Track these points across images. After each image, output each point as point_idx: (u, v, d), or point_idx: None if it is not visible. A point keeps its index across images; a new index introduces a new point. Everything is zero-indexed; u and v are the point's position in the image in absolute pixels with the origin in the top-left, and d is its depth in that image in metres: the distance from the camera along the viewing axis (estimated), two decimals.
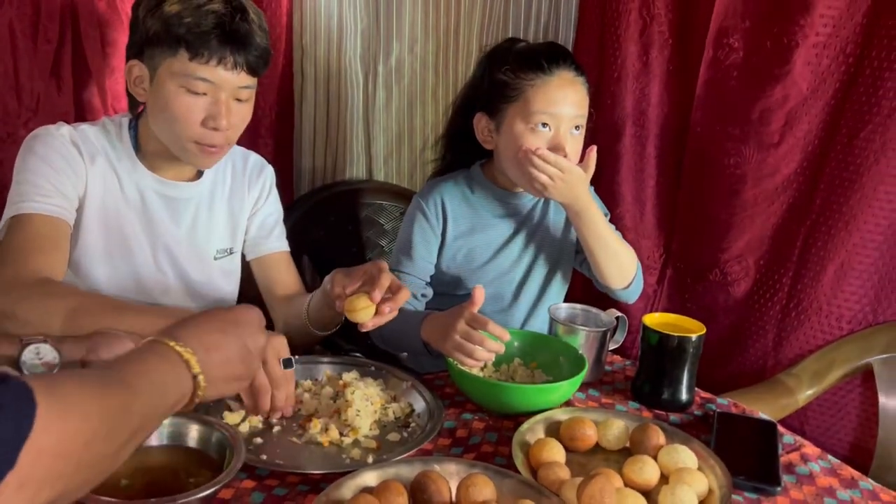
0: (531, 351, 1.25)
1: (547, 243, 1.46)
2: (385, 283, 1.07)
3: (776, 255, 1.69)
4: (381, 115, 1.92)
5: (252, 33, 1.15)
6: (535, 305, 1.47)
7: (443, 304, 1.29)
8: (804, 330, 1.65)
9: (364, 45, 1.85)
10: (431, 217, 1.43)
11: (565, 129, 1.31)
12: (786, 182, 1.66)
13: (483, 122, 1.39)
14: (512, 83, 1.33)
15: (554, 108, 1.30)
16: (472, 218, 1.44)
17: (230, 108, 1.17)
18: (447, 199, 1.43)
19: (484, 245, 1.44)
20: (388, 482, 0.87)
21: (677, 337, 1.16)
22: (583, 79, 1.35)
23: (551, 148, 1.29)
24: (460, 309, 1.16)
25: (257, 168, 1.42)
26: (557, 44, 1.43)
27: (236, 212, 1.39)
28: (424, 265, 1.42)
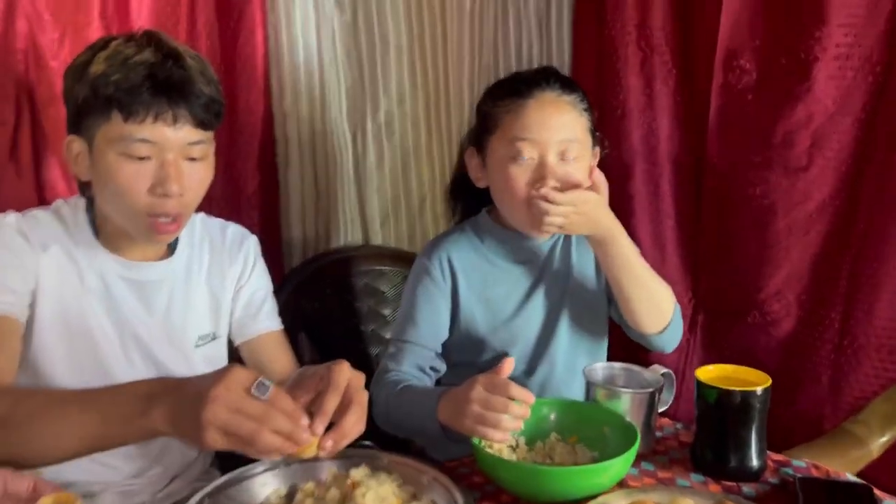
0: (569, 423, 1.07)
1: (576, 289, 1.30)
2: (331, 406, 0.83)
3: (820, 289, 1.53)
4: (374, 176, 1.79)
5: (191, 80, 1.02)
6: (570, 366, 1.29)
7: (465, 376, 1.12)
8: (863, 370, 1.48)
9: (350, 102, 1.73)
10: (437, 276, 1.27)
11: (553, 158, 1.17)
12: (820, 208, 1.51)
13: (473, 158, 1.28)
14: (491, 112, 1.22)
15: (530, 133, 1.17)
16: (486, 269, 1.28)
17: (180, 169, 1.03)
18: (454, 253, 1.28)
19: (504, 297, 1.28)
20: None
21: (740, 392, 0.99)
22: (573, 97, 1.20)
23: (535, 179, 1.16)
24: (476, 377, 1.00)
25: (238, 239, 1.28)
26: (548, 66, 1.30)
27: (217, 291, 1.24)
28: (433, 332, 1.26)
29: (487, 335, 1.27)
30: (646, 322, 1.22)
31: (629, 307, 1.21)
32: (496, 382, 0.98)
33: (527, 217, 1.18)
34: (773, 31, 1.49)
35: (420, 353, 1.25)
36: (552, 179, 1.15)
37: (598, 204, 1.16)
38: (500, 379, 0.98)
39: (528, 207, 1.16)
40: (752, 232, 1.59)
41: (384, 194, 1.82)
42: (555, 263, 1.30)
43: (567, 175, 1.17)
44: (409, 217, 1.86)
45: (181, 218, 1.07)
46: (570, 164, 1.18)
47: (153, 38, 1.04)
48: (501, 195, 1.23)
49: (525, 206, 1.17)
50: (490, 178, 1.25)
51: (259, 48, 1.55)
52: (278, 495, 0.97)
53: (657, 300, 1.22)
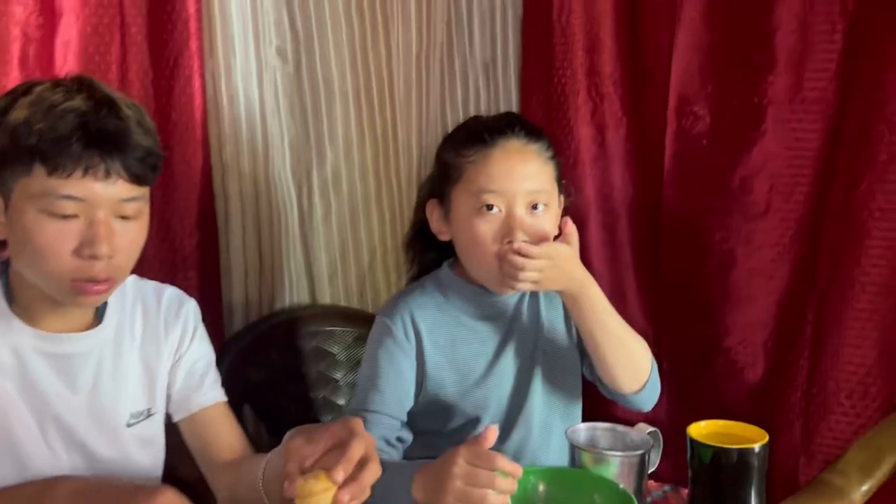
0: (556, 492, 0.98)
1: (548, 346, 1.23)
2: (356, 454, 0.79)
3: (786, 335, 1.50)
4: (321, 230, 1.69)
5: (127, 131, 0.92)
6: (546, 428, 1.20)
7: (434, 446, 1.02)
8: (834, 417, 1.44)
9: (294, 155, 1.64)
10: (401, 337, 1.18)
11: (521, 210, 1.10)
12: (782, 252, 1.49)
13: (435, 210, 1.20)
14: (453, 162, 1.16)
15: (498, 185, 1.10)
16: (453, 328, 1.20)
17: (111, 229, 0.93)
18: (417, 311, 1.19)
19: (473, 357, 1.19)
20: None
21: (737, 450, 0.93)
22: (539, 146, 1.15)
23: (504, 233, 1.09)
24: (456, 449, 0.91)
25: (175, 304, 1.16)
26: (511, 113, 1.25)
27: (153, 362, 1.12)
28: (398, 399, 1.16)
29: (457, 400, 1.17)
30: (623, 380, 1.15)
31: (605, 365, 1.14)
32: (480, 454, 0.88)
33: (496, 273, 1.11)
34: (725, 76, 1.49)
35: (385, 423, 1.14)
36: (521, 233, 1.09)
37: (571, 257, 1.10)
38: (484, 450, 0.89)
39: (497, 262, 1.10)
40: (714, 278, 1.56)
41: (332, 250, 1.72)
42: (523, 319, 1.22)
43: (536, 227, 1.11)
44: (359, 272, 1.76)
45: (112, 282, 0.95)
46: (539, 216, 1.12)
47: (84, 84, 0.94)
48: (467, 250, 1.15)
49: (494, 261, 1.10)
50: (454, 232, 1.18)
51: (196, 97, 1.45)
52: None
53: (635, 357, 1.16)
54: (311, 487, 0.76)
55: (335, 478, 0.76)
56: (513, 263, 1.05)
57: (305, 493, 0.76)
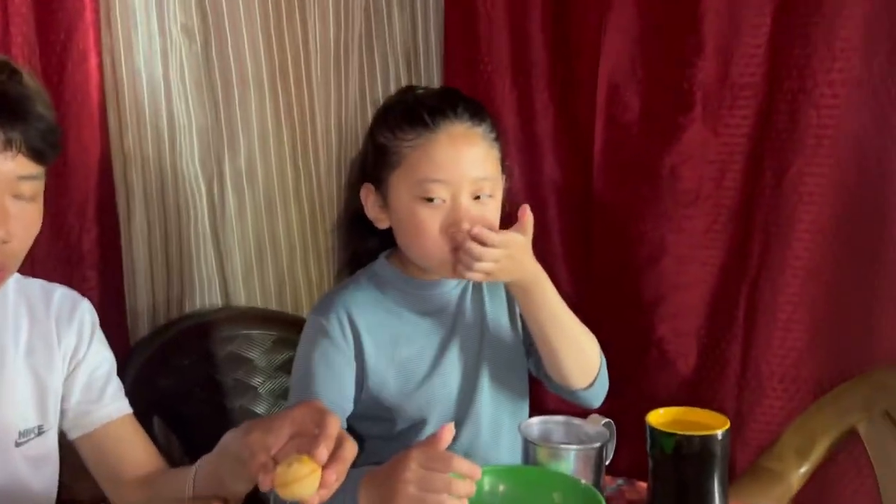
0: (512, 493, 0.91)
1: (493, 341, 1.15)
2: (334, 430, 0.73)
3: (719, 323, 1.50)
4: (234, 226, 1.56)
5: (30, 100, 0.81)
6: (495, 427, 1.13)
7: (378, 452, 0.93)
8: (767, 402, 1.45)
9: (203, 144, 1.50)
10: (337, 337, 1.08)
11: (466, 199, 1.03)
12: (713, 239, 1.49)
13: (370, 196, 1.11)
14: (391, 146, 1.06)
15: (443, 173, 1.02)
16: (393, 326, 1.10)
17: (6, 209, 0.81)
18: (354, 309, 1.09)
19: (416, 356, 1.10)
20: None
21: (699, 437, 0.88)
22: (484, 128, 1.07)
23: (449, 223, 1.02)
24: (408, 452, 0.82)
25: (67, 305, 1.03)
26: (451, 90, 1.17)
27: (43, 372, 0.98)
28: (337, 405, 1.05)
29: (401, 401, 1.08)
30: (573, 376, 1.09)
31: (555, 360, 1.08)
32: (433, 456, 0.80)
33: (443, 260, 1.03)
34: (655, 62, 1.48)
35: None
36: (467, 222, 1.01)
37: (523, 248, 1.03)
38: (438, 452, 0.81)
39: (442, 251, 1.02)
40: (646, 268, 1.54)
41: (246, 247, 1.59)
42: (467, 314, 1.15)
43: (482, 217, 1.04)
44: (277, 271, 1.64)
45: (4, 272, 0.82)
46: (485, 204, 1.05)
47: None
48: (410, 240, 1.07)
49: (440, 249, 1.03)
50: (394, 221, 1.09)
51: (93, 76, 1.30)
52: None
53: (585, 352, 1.11)
54: (295, 473, 0.69)
55: (319, 458, 0.70)
56: (470, 252, 0.97)
57: (290, 479, 0.69)
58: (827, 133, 1.33)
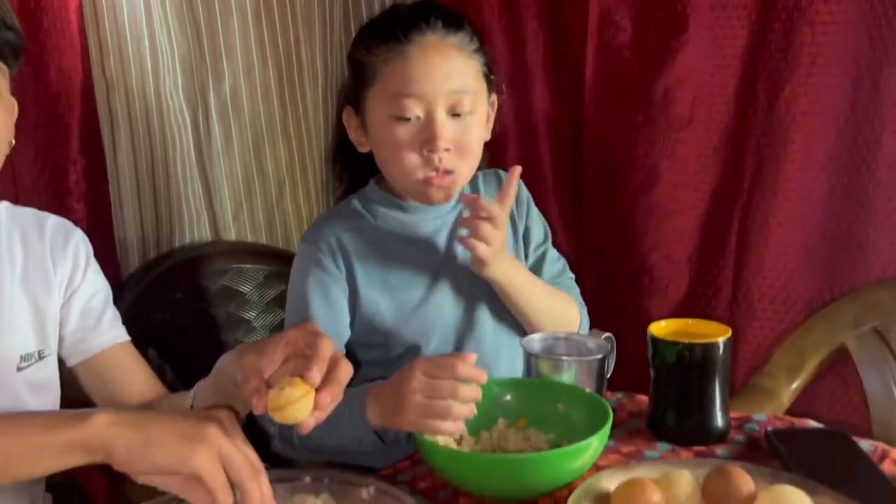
0: (516, 404, 0.91)
1: None
2: (326, 352, 0.70)
3: (711, 246, 1.51)
4: (221, 160, 1.53)
5: None
6: (497, 351, 1.11)
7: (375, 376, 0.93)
8: (758, 323, 1.47)
9: (186, 73, 1.46)
10: (329, 264, 1.06)
11: (442, 114, 0.99)
12: (706, 163, 1.48)
13: (351, 119, 1.08)
14: (366, 62, 1.03)
15: (415, 87, 0.98)
16: (383, 251, 1.08)
17: None
18: (344, 234, 1.07)
19: (409, 282, 1.08)
20: None
21: (701, 346, 0.89)
22: (460, 38, 1.01)
23: (424, 142, 0.99)
24: (413, 363, 0.83)
25: (61, 233, 1.01)
26: (428, 1, 1.08)
27: (40, 298, 0.97)
28: (334, 331, 1.04)
29: (396, 327, 1.07)
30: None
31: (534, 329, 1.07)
32: (438, 364, 0.81)
33: (416, 182, 1.01)
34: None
35: None
36: (443, 140, 0.98)
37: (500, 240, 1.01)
38: (443, 359, 0.81)
39: (415, 172, 1.00)
40: (638, 195, 1.54)
41: (234, 181, 1.57)
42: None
43: (460, 136, 1.00)
44: (266, 205, 1.62)
45: None
46: (463, 120, 1.01)
47: None
48: (386, 161, 1.04)
49: (413, 170, 1.00)
50: (372, 141, 1.06)
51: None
52: None
53: (563, 320, 1.11)
54: (288, 396, 0.67)
55: (312, 380, 0.68)
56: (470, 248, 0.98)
57: (283, 403, 0.67)
58: (822, 51, 1.31)
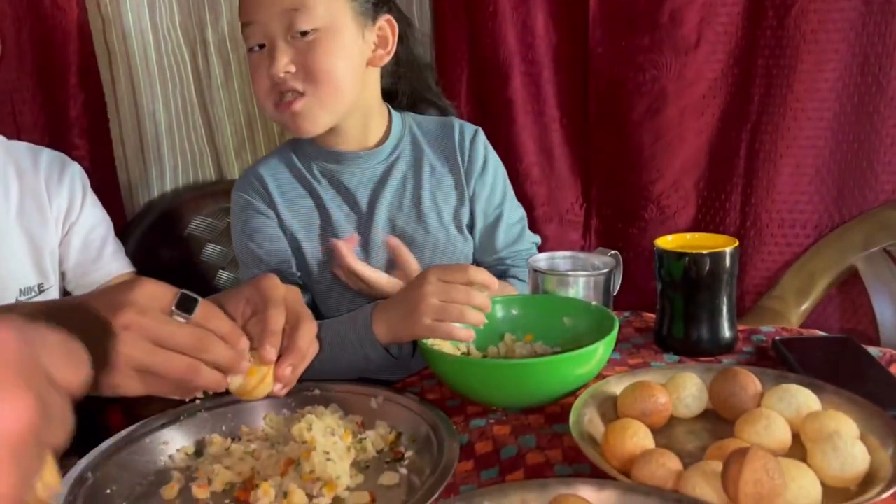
0: (522, 320, 0.91)
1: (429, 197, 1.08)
2: (276, 321, 0.64)
3: (719, 172, 1.49)
4: (222, 97, 1.52)
5: None
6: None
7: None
8: (768, 248, 1.46)
9: (183, 9, 1.44)
10: (263, 209, 1.04)
11: (283, 39, 0.94)
12: (713, 86, 1.46)
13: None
14: None
15: (248, 14, 0.96)
16: (311, 196, 1.06)
17: None
18: (271, 183, 1.05)
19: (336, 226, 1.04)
20: None
21: (708, 255, 0.88)
22: None
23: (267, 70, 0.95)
24: (425, 271, 0.83)
25: (57, 166, 1.01)
26: None
27: (37, 232, 0.97)
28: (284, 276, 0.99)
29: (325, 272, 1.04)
30: None
31: None
32: (450, 269, 0.81)
33: (275, 114, 0.99)
34: None
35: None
36: (280, 63, 0.93)
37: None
38: (456, 265, 0.82)
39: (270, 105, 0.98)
40: (644, 122, 1.52)
41: (236, 119, 1.56)
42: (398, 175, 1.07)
43: (305, 58, 0.94)
44: (269, 142, 1.61)
45: None
46: (307, 40, 0.94)
47: None
48: (256, 98, 1.02)
49: (266, 98, 0.97)
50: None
51: None
52: (185, 453, 0.74)
53: None
54: (243, 387, 0.62)
55: (266, 359, 0.62)
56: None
57: (241, 392, 0.63)
58: None
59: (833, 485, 0.61)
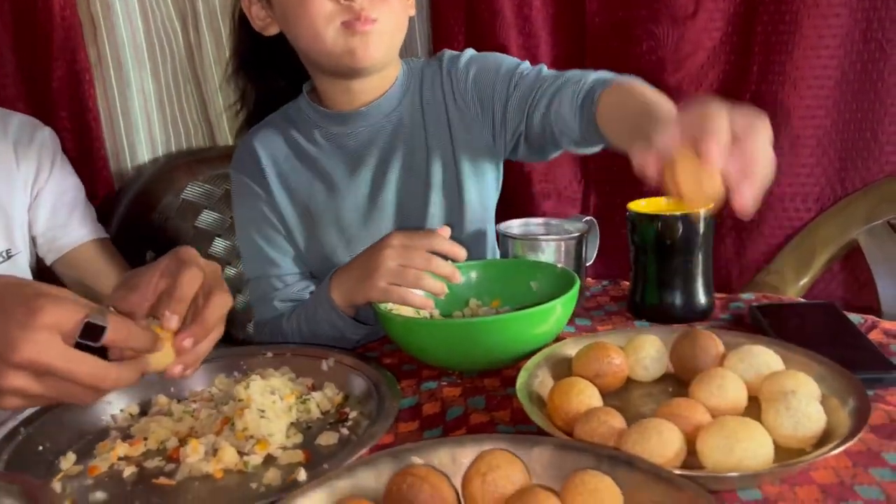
0: (489, 285, 0.89)
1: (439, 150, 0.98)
2: (187, 289, 0.59)
3: None
4: (213, 70, 1.50)
5: None
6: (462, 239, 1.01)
7: None
8: (768, 223, 1.40)
9: None
10: (259, 189, 0.99)
11: None
12: (712, 56, 1.41)
13: (251, 5, 0.95)
14: None
15: None
16: (311, 173, 0.99)
17: None
18: (261, 149, 0.99)
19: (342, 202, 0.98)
20: (345, 501, 0.49)
21: (681, 218, 0.85)
22: None
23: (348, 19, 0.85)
24: (389, 234, 0.80)
25: (27, 130, 1.01)
26: None
27: (4, 197, 0.97)
28: (288, 250, 1.00)
29: (341, 254, 0.99)
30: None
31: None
32: (415, 234, 0.78)
33: (339, 37, 0.87)
34: None
35: (290, 283, 0.98)
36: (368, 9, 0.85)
37: None
38: (420, 231, 0.79)
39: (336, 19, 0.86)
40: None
41: (227, 90, 1.53)
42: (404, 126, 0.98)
43: None
44: None
45: None
46: None
47: None
48: (300, 24, 0.87)
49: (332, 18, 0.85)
50: (280, 16, 0.91)
51: None
52: (129, 414, 0.72)
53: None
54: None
55: (167, 325, 0.58)
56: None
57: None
58: None
59: (786, 445, 0.57)
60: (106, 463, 0.63)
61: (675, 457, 0.54)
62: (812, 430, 0.57)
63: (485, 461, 0.51)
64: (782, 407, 0.58)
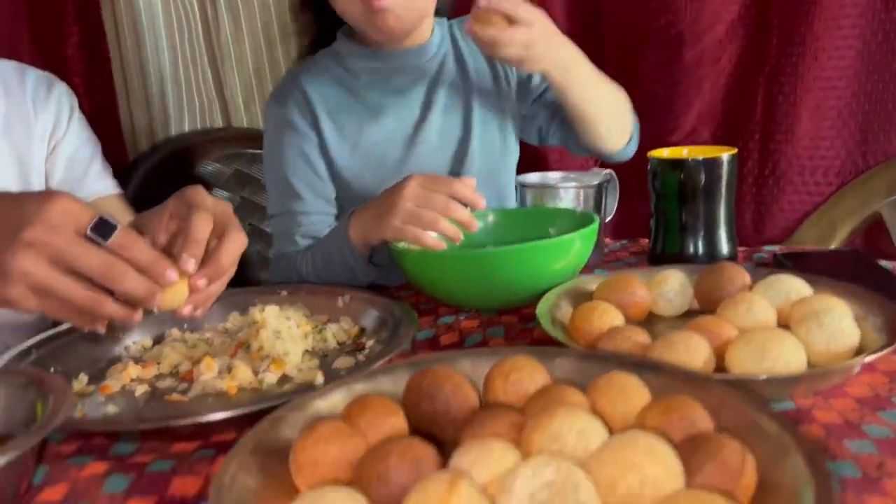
0: (506, 232, 0.87)
1: (477, 97, 1.02)
2: (200, 230, 0.58)
3: (736, 119, 1.42)
4: (232, 50, 1.51)
5: None
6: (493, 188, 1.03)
7: None
8: (787, 197, 1.38)
9: None
10: (300, 123, 0.98)
11: None
12: (731, 30, 1.39)
13: None
14: None
15: None
16: (357, 107, 0.99)
17: None
18: (312, 90, 0.99)
19: (387, 138, 0.99)
20: (366, 398, 0.47)
21: (703, 161, 0.83)
22: None
23: None
24: (409, 175, 0.78)
25: (43, 84, 1.01)
26: None
27: (22, 148, 0.97)
28: (319, 190, 0.99)
29: (373, 187, 0.95)
30: (611, 140, 0.97)
31: (594, 132, 0.95)
32: (435, 178, 0.76)
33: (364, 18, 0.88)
34: None
35: (317, 221, 0.98)
36: None
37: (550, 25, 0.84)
38: (442, 176, 0.77)
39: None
40: (659, 68, 1.45)
41: (245, 71, 1.54)
42: (445, 71, 1.02)
43: None
44: None
45: None
46: None
47: None
48: None
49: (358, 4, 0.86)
50: None
51: None
52: (142, 346, 0.71)
53: (622, 115, 0.99)
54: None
55: (182, 268, 0.57)
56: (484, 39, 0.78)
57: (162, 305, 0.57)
58: None
59: (819, 362, 0.55)
60: (118, 383, 0.62)
61: (702, 367, 0.53)
62: (846, 344, 0.55)
63: (508, 362, 0.49)
64: (814, 324, 0.56)
